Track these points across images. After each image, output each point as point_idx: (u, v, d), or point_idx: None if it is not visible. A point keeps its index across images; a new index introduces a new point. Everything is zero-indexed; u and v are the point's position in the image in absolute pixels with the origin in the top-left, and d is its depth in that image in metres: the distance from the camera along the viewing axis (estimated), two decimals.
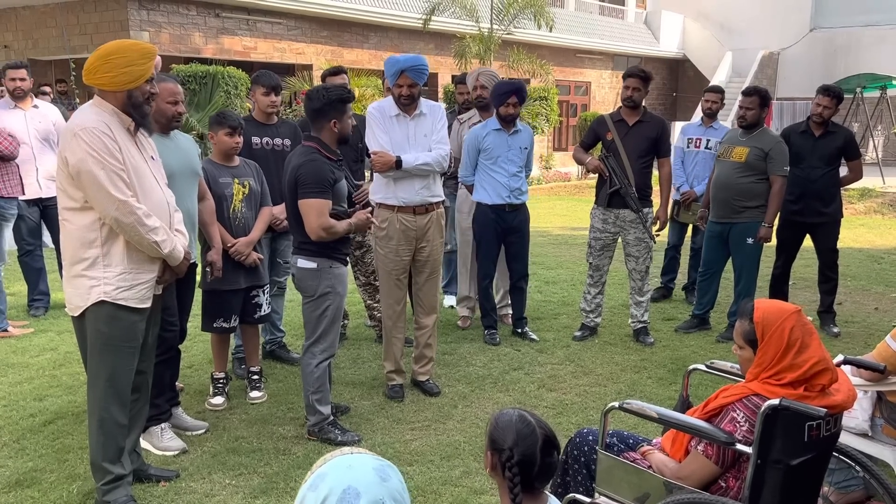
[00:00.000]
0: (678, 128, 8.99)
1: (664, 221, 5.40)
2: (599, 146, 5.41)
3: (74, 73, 11.03)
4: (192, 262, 3.61)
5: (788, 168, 5.18)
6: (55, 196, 3.10)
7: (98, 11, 12.41)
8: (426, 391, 4.42)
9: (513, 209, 5.22)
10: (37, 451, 3.64)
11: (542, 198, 14.84)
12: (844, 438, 2.75)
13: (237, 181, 4.10)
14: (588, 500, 2.50)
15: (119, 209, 2.81)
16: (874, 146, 17.94)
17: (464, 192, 5.56)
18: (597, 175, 5.33)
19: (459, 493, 3.27)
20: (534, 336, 5.42)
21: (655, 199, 5.31)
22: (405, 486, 1.33)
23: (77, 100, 11.66)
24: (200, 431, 3.84)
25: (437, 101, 6.85)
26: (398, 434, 3.88)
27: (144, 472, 3.31)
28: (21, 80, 5.66)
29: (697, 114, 10.26)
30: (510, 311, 5.64)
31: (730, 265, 5.52)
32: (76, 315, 2.96)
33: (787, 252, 5.76)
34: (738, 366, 2.57)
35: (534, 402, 4.30)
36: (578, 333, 5.50)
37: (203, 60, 12.22)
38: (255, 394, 4.30)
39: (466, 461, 3.57)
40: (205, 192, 3.87)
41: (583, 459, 2.63)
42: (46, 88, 9.93)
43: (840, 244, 5.75)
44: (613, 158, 5.17)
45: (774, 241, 5.60)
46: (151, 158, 3.06)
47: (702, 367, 2.87)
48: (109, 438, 3.00)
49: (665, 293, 6.73)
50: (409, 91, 4.16)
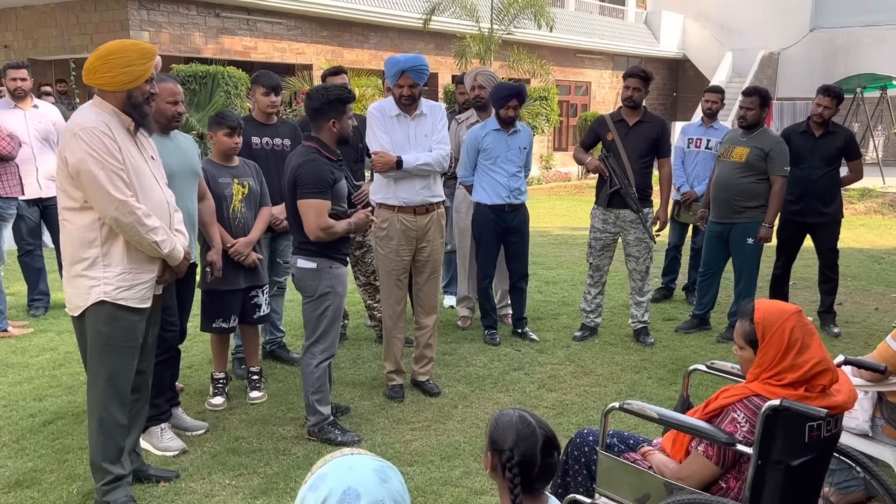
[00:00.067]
0: (678, 128, 8.99)
1: (664, 222, 5.40)
2: (599, 146, 5.40)
3: (74, 73, 11.02)
4: (192, 263, 3.61)
5: (789, 168, 5.18)
6: (55, 196, 3.10)
7: (98, 11, 12.41)
8: (426, 391, 4.42)
9: (512, 209, 5.22)
10: (37, 452, 3.64)
11: (543, 198, 14.84)
12: (845, 439, 2.75)
13: (237, 181, 4.10)
14: (588, 501, 2.50)
15: (119, 209, 2.80)
16: (874, 146, 17.95)
17: (461, 192, 5.56)
18: (597, 175, 5.33)
19: (459, 494, 3.27)
20: (534, 336, 5.42)
21: (655, 200, 5.31)
22: (405, 487, 1.33)
23: (77, 100, 11.64)
24: (200, 432, 3.84)
25: (438, 101, 6.84)
26: (398, 434, 3.88)
27: (144, 473, 3.31)
28: (22, 80, 5.67)
29: (697, 114, 10.25)
30: (510, 312, 5.64)
31: (730, 265, 5.52)
32: (76, 315, 2.96)
33: (788, 252, 5.76)
34: (739, 366, 2.57)
35: (534, 403, 4.29)
36: (578, 333, 5.49)
37: (203, 60, 12.21)
38: (255, 394, 4.30)
39: (466, 461, 3.57)
40: (205, 192, 3.87)
41: (583, 460, 2.62)
42: (48, 89, 9.92)
43: (840, 244, 5.75)
44: (614, 158, 5.17)
45: (775, 242, 5.60)
46: (151, 158, 3.06)
47: (702, 368, 2.87)
48: (109, 438, 3.00)
49: (666, 293, 6.73)
50: (410, 91, 4.16)
